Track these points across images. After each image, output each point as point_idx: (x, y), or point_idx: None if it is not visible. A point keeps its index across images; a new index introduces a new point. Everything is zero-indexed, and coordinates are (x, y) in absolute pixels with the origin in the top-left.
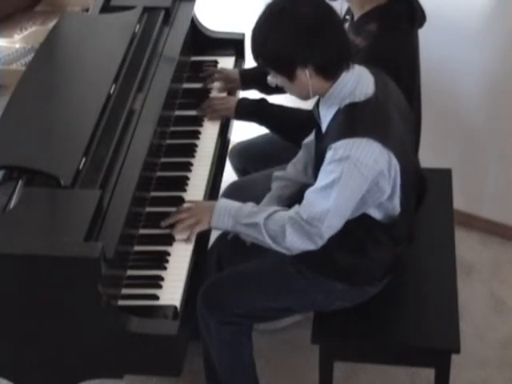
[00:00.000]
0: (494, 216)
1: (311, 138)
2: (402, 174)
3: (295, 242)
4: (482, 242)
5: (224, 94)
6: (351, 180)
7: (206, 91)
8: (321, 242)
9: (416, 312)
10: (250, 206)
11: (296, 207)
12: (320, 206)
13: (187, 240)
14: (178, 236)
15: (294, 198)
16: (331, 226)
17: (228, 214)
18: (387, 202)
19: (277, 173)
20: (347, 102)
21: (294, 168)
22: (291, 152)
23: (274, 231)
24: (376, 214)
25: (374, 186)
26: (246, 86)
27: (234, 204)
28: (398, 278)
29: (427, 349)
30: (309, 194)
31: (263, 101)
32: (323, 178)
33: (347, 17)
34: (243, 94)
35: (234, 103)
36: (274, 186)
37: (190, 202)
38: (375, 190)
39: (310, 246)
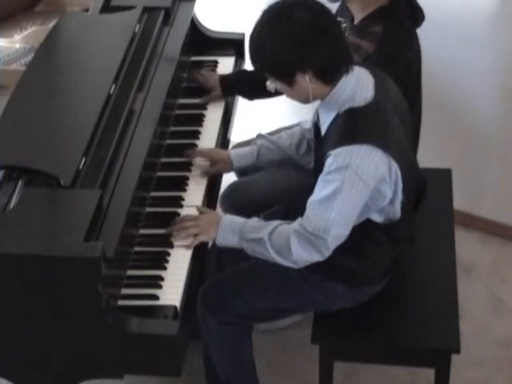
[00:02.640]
0: (494, 216)
1: (307, 120)
2: (402, 177)
3: (301, 254)
4: (482, 242)
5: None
6: (353, 188)
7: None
8: (327, 253)
9: (416, 312)
10: (253, 221)
11: (300, 219)
12: (324, 217)
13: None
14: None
15: (274, 165)
16: (337, 236)
17: (233, 231)
18: (388, 206)
19: (264, 134)
20: (346, 106)
21: (288, 139)
22: None
23: (279, 245)
24: (377, 218)
25: (376, 192)
26: (228, 93)
27: (238, 220)
28: (398, 278)
29: (427, 349)
30: (310, 204)
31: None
32: (324, 187)
33: (340, 18)
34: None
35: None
36: (259, 142)
37: (200, 211)
38: (377, 195)
39: (316, 257)
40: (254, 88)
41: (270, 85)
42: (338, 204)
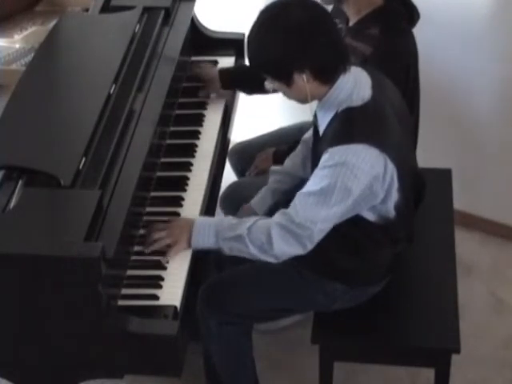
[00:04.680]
0: (494, 216)
1: (310, 133)
2: (399, 177)
3: (283, 248)
4: (482, 242)
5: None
6: (347, 185)
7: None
8: (310, 246)
9: (416, 312)
10: (229, 219)
11: (282, 211)
12: (314, 209)
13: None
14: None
15: (290, 193)
16: (322, 230)
17: (208, 231)
18: (380, 205)
19: (274, 167)
20: (344, 106)
21: (291, 162)
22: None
23: (260, 240)
24: (370, 216)
25: (368, 189)
26: (227, 86)
27: (212, 221)
28: (398, 278)
29: (427, 349)
30: (300, 196)
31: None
32: (318, 181)
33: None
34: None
35: None
36: (271, 179)
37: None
38: (368, 193)
39: (298, 251)
40: (253, 83)
41: (268, 85)
42: (330, 199)
